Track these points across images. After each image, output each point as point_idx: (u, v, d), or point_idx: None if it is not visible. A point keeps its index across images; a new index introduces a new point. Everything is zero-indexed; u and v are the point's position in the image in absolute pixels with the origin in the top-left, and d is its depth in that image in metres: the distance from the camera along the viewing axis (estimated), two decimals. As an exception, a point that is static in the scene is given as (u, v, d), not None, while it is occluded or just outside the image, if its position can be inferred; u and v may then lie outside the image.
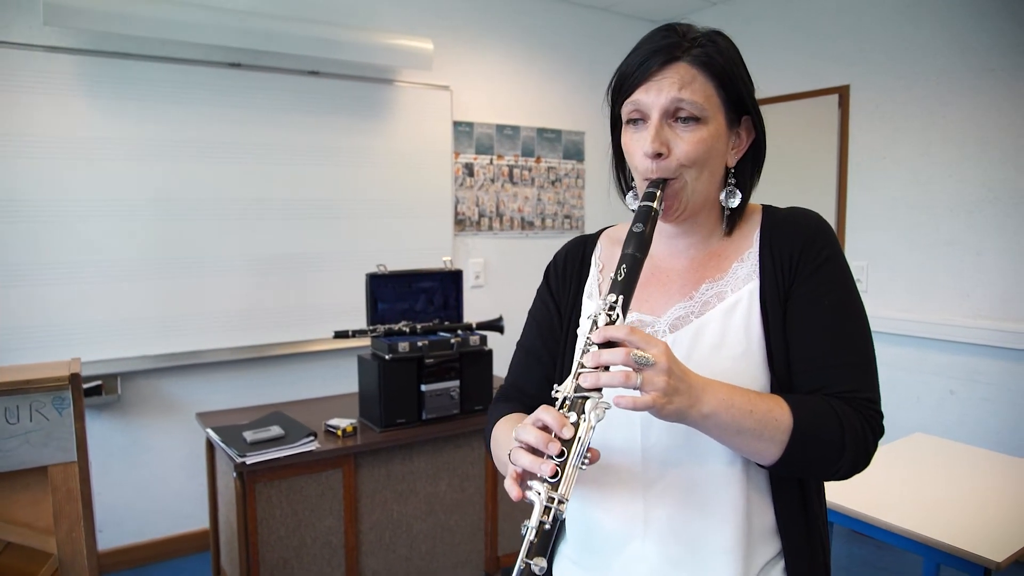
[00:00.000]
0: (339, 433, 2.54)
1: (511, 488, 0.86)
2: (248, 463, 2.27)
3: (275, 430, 2.47)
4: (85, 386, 2.84)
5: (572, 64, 4.45)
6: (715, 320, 1.01)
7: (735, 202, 1.05)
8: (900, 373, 3.49)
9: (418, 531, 2.71)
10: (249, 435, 2.42)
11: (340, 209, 3.54)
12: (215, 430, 2.52)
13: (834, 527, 2.35)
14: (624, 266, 0.93)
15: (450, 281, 3.00)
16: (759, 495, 1.01)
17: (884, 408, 0.99)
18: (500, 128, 4.16)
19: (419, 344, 2.68)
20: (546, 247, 4.41)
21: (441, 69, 3.84)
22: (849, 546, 3.37)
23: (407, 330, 2.77)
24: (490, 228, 4.17)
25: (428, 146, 3.81)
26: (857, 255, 3.66)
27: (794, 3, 4.03)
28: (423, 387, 2.70)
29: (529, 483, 0.84)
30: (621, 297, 0.90)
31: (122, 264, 3.03)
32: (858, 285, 1.03)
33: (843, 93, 3.73)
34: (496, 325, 2.97)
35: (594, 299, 1.13)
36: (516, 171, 4.26)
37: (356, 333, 2.74)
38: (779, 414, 0.91)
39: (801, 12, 3.98)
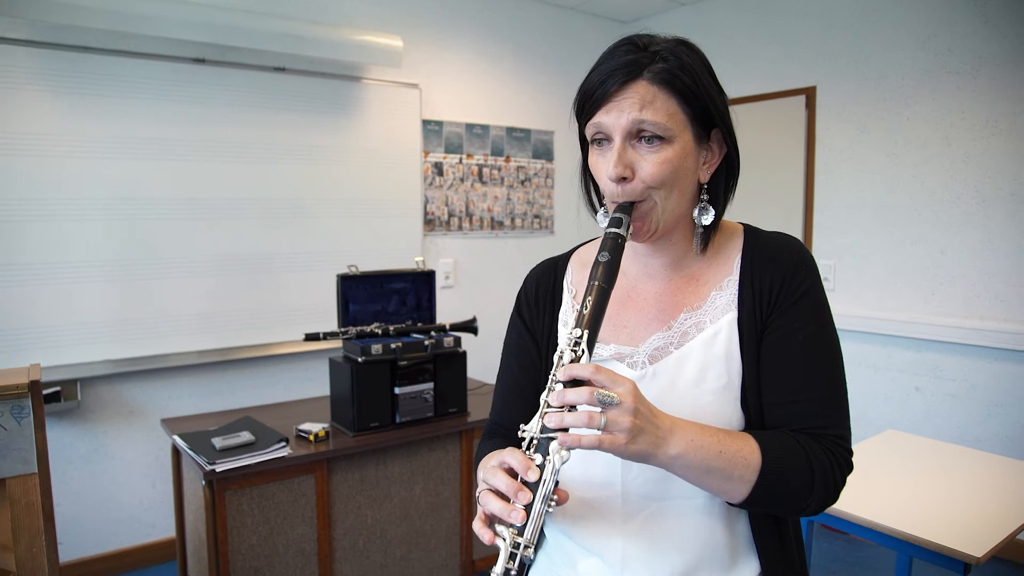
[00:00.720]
0: (311, 438, 2.49)
1: (481, 532, 0.85)
2: (218, 471, 2.20)
3: (245, 436, 2.40)
4: (43, 392, 2.73)
5: (541, 63, 4.43)
6: (695, 352, 0.98)
7: (708, 219, 1.01)
8: (867, 371, 3.55)
9: (393, 536, 2.67)
10: (218, 441, 2.34)
11: (308, 209, 3.47)
12: (182, 437, 2.44)
13: (805, 522, 2.37)
14: (589, 298, 0.89)
15: (423, 282, 2.96)
16: (740, 524, 1.00)
17: (852, 406, 0.99)
18: (470, 127, 4.12)
19: (392, 346, 2.63)
20: (516, 247, 4.39)
21: (410, 67, 3.79)
22: (820, 541, 3.41)
23: (379, 332, 2.72)
24: (460, 228, 4.13)
25: (397, 145, 3.76)
26: (824, 255, 3.71)
27: (761, 5, 4.07)
28: (397, 390, 2.66)
29: (497, 528, 0.83)
30: (586, 332, 0.87)
31: (81, 265, 2.92)
32: (825, 284, 1.01)
33: (810, 94, 3.77)
34: (470, 326, 2.93)
35: (569, 327, 1.09)
36: (486, 170, 4.23)
37: (327, 335, 2.68)
38: (748, 453, 0.90)
39: (768, 13, 4.01)
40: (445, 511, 2.81)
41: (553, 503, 0.82)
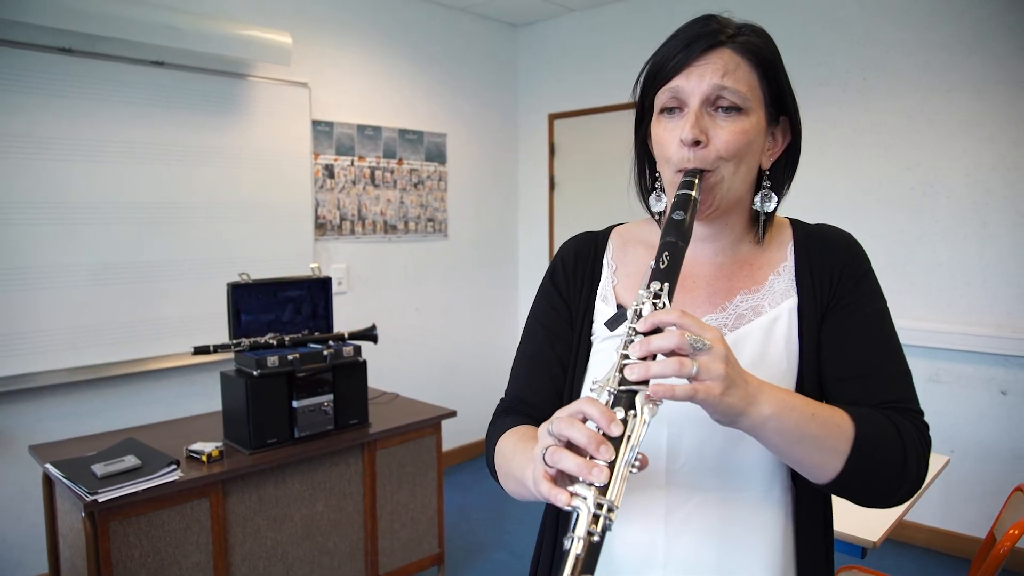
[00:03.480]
0: (204, 459, 2.33)
1: (554, 493, 0.71)
2: (101, 500, 2.02)
3: (130, 460, 2.21)
4: None
5: (434, 64, 4.37)
6: (754, 335, 0.95)
7: (771, 206, 0.99)
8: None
9: (295, 557, 2.54)
10: (99, 468, 2.15)
11: (190, 213, 3.26)
12: (56, 465, 2.22)
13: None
14: (666, 253, 0.83)
15: (318, 289, 2.84)
16: (789, 523, 0.95)
17: None
18: (361, 128, 4.01)
19: (289, 357, 2.51)
20: (410, 251, 4.32)
21: (299, 65, 3.64)
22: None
23: (274, 343, 2.58)
24: (352, 232, 4.01)
25: (286, 146, 3.60)
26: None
27: (649, 13, 4.20)
28: (295, 403, 2.54)
29: (571, 489, 0.71)
30: (667, 285, 0.81)
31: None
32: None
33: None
34: (370, 334, 2.85)
35: (609, 303, 1.05)
36: (378, 173, 4.13)
37: (218, 348, 2.52)
38: (840, 420, 0.83)
39: (656, 21, 4.15)
40: (348, 527, 2.71)
41: (636, 465, 0.71)
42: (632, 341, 0.76)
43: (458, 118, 4.55)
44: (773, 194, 0.99)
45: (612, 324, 1.02)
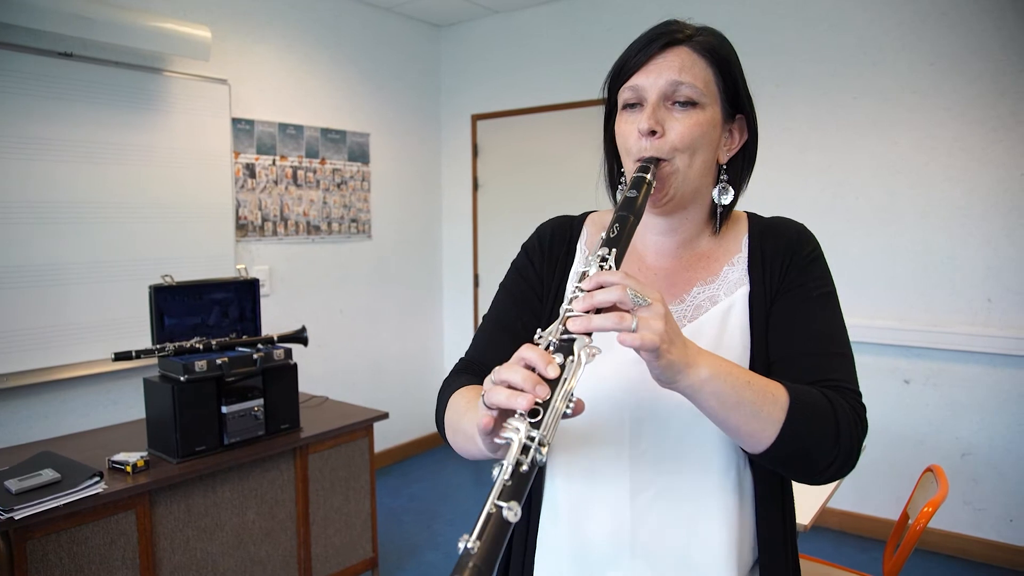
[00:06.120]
0: (128, 469, 2.22)
1: (486, 431, 0.75)
2: (17, 518, 1.90)
3: (48, 474, 2.08)
4: None
5: (357, 63, 4.31)
6: (710, 324, 1.00)
7: (728, 199, 1.04)
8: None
9: (226, 568, 2.46)
10: (13, 484, 2.02)
11: (103, 214, 3.09)
12: (-37, 482, 2.08)
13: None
14: (616, 224, 0.88)
15: (245, 291, 2.76)
16: (748, 505, 0.99)
17: None
18: (283, 127, 3.91)
19: (218, 362, 2.42)
20: (334, 252, 4.24)
21: (219, 60, 3.52)
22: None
23: (201, 347, 2.49)
24: (274, 233, 3.91)
25: (205, 144, 3.47)
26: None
27: (571, 16, 4.27)
28: (224, 409, 2.46)
29: (505, 423, 0.72)
30: (614, 251, 0.84)
31: None
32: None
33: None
34: (300, 337, 2.79)
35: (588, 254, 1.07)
36: (300, 173, 4.04)
37: (141, 353, 2.41)
38: (775, 389, 0.87)
39: (578, 25, 4.22)
40: (281, 534, 2.64)
41: (571, 406, 0.73)
42: (576, 298, 0.79)
43: (381, 118, 4.50)
44: (730, 187, 1.04)
45: None
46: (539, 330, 0.81)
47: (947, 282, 3.26)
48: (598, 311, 0.77)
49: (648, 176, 0.93)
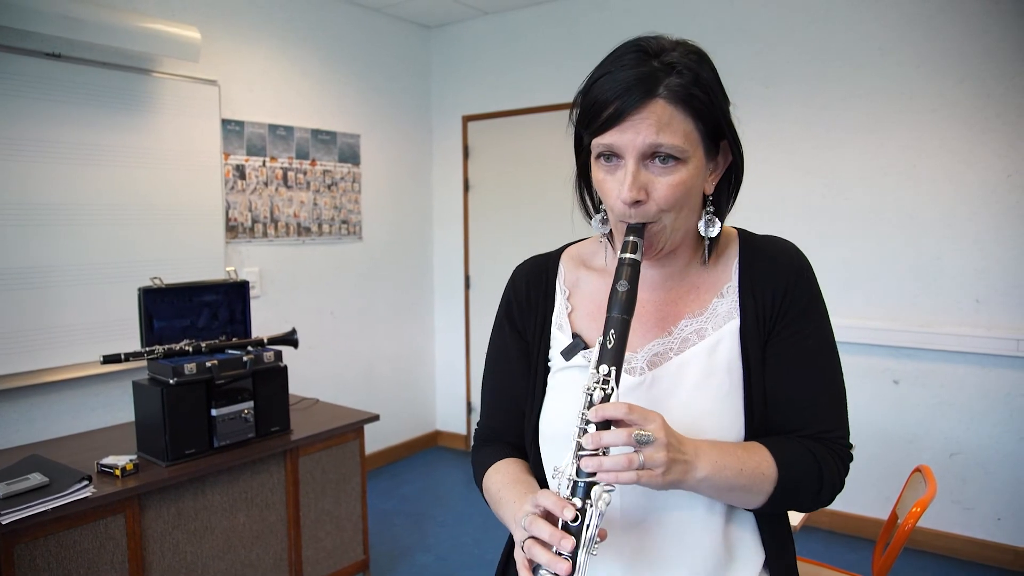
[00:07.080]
0: (117, 473, 2.21)
1: (523, 570, 0.86)
2: (4, 523, 1.88)
3: (36, 478, 2.07)
4: None
5: (347, 64, 4.30)
6: (697, 358, 0.99)
7: (715, 231, 1.00)
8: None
9: (216, 571, 2.45)
10: (1, 488, 2.00)
11: (92, 215, 3.07)
12: (-50, 486, 2.06)
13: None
14: (613, 331, 0.88)
15: (235, 293, 2.75)
16: (739, 529, 1.02)
17: None
18: (273, 128, 3.90)
19: (208, 364, 2.42)
20: (324, 254, 4.23)
21: (208, 61, 3.51)
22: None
23: (190, 349, 2.49)
24: (265, 235, 3.89)
25: (195, 145, 3.45)
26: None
27: (563, 17, 4.27)
28: (214, 411, 2.45)
29: (541, 573, 0.85)
30: (614, 369, 0.87)
31: None
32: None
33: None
34: (290, 339, 2.78)
35: (565, 331, 1.07)
36: (291, 174, 4.03)
37: (130, 356, 2.40)
38: (765, 468, 0.93)
39: (570, 25, 4.23)
40: (271, 537, 2.63)
41: (597, 544, 0.84)
42: (585, 431, 0.86)
43: (372, 119, 4.49)
44: (716, 219, 1.00)
45: (568, 354, 1.05)
46: (554, 466, 0.89)
47: (935, 283, 3.28)
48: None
49: (637, 256, 0.91)
